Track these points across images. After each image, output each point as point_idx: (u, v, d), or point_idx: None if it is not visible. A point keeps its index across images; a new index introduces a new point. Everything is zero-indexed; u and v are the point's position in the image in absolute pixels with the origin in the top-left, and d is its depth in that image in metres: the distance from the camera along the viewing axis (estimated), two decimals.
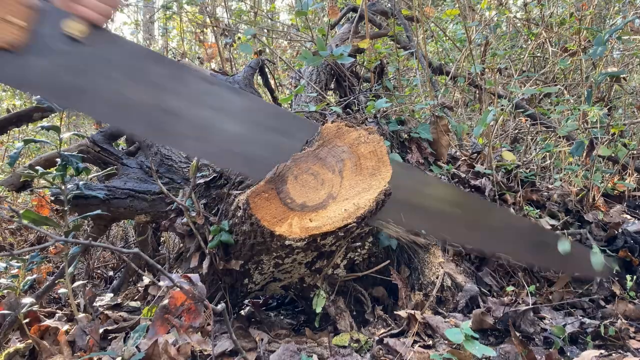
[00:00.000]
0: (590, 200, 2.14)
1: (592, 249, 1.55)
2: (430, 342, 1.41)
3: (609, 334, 1.40)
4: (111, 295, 2.02)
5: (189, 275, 1.03)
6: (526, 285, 1.74)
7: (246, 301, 1.84)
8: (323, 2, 4.69)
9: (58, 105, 1.21)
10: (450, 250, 1.82)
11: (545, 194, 2.19)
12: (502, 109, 2.39)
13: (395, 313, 1.55)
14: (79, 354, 1.37)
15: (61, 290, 1.65)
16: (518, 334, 1.35)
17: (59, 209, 1.58)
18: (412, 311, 1.51)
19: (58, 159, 1.52)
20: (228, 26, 4.26)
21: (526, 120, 3.07)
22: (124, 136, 2.65)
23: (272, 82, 3.35)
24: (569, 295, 1.74)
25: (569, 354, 1.36)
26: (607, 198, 2.32)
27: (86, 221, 2.77)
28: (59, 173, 1.50)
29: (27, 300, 1.45)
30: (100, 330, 1.47)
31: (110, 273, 2.91)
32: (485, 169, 2.16)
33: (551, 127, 2.83)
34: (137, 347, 1.27)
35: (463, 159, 2.33)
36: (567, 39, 3.67)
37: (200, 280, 1.04)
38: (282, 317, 1.91)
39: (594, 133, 2.14)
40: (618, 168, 2.44)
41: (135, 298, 2.16)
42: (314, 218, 1.19)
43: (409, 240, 1.44)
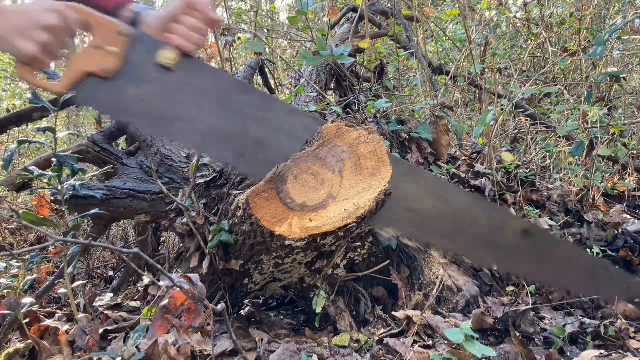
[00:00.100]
0: (590, 200, 2.14)
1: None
2: (430, 342, 1.41)
3: (609, 334, 1.40)
4: (111, 295, 2.02)
5: (189, 275, 1.03)
6: (526, 285, 1.74)
7: (246, 301, 1.84)
8: (323, 2, 4.69)
9: (149, 132, 1.25)
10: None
11: (545, 194, 2.19)
12: (502, 109, 2.39)
13: (393, 314, 1.55)
14: (79, 354, 1.37)
15: (61, 290, 1.65)
16: (518, 334, 1.35)
17: (59, 209, 1.58)
18: (411, 312, 1.51)
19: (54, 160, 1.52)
20: (228, 26, 4.25)
21: (526, 120, 3.07)
22: (124, 136, 2.65)
23: (272, 82, 3.35)
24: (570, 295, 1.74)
25: (569, 354, 1.36)
26: (607, 198, 2.32)
27: (86, 221, 2.77)
28: (55, 174, 1.50)
29: (27, 300, 1.45)
30: (100, 330, 1.47)
31: (110, 273, 2.91)
32: (485, 169, 2.16)
33: (551, 127, 2.83)
34: (137, 347, 1.27)
35: (463, 159, 2.33)
36: (567, 39, 3.67)
37: (200, 280, 1.04)
38: (282, 317, 1.91)
39: (594, 133, 2.14)
40: (618, 168, 2.45)
41: (135, 298, 2.16)
42: (314, 218, 1.19)
43: None
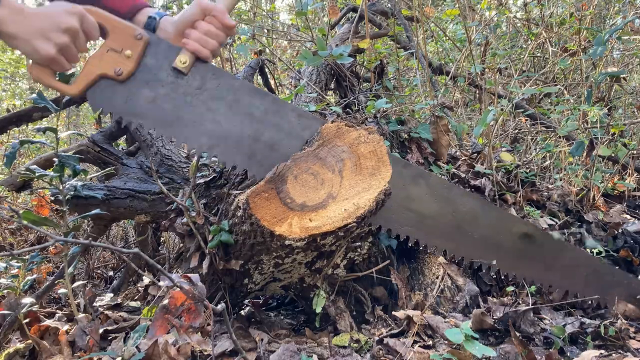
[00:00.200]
0: (590, 200, 2.14)
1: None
2: (430, 342, 1.41)
3: (609, 334, 1.40)
4: (111, 295, 2.02)
5: (189, 275, 1.03)
6: (526, 286, 1.74)
7: (246, 301, 1.84)
8: (323, 2, 4.69)
9: (160, 133, 1.26)
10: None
11: (545, 194, 2.19)
12: (502, 109, 2.39)
13: (393, 314, 1.55)
14: (79, 354, 1.37)
15: (61, 290, 1.65)
16: (518, 334, 1.35)
17: (59, 209, 1.58)
18: (411, 312, 1.51)
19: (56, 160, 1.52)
20: None
21: (526, 120, 3.07)
22: (124, 136, 2.65)
23: (272, 82, 3.35)
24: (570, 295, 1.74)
25: (569, 354, 1.36)
26: (607, 198, 2.32)
27: (86, 221, 2.77)
28: (57, 174, 1.50)
29: (27, 300, 1.45)
30: (100, 330, 1.47)
31: (110, 273, 2.91)
32: (485, 169, 2.16)
33: (551, 127, 2.83)
34: (137, 347, 1.27)
35: (463, 159, 2.33)
36: (567, 39, 3.67)
37: (200, 280, 1.04)
38: (282, 317, 1.91)
39: (594, 133, 2.14)
40: (618, 168, 2.45)
41: (135, 298, 2.16)
42: (314, 218, 1.19)
43: None
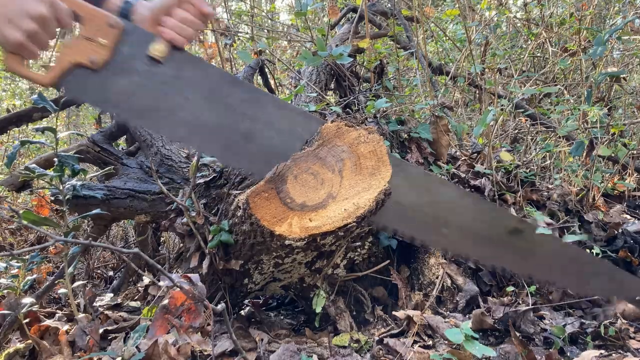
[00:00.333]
0: (590, 200, 2.14)
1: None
2: (430, 342, 1.41)
3: (609, 334, 1.40)
4: (111, 295, 2.02)
5: (189, 275, 1.03)
6: (526, 286, 1.74)
7: (246, 301, 1.84)
8: (323, 2, 4.69)
9: (136, 123, 1.24)
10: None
11: (545, 194, 2.19)
12: (502, 109, 2.39)
13: (393, 314, 1.55)
14: (79, 354, 1.37)
15: (61, 290, 1.65)
16: (518, 334, 1.35)
17: (59, 209, 1.58)
18: (411, 312, 1.51)
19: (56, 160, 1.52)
20: (228, 26, 4.26)
21: (526, 120, 3.07)
22: (124, 136, 2.65)
23: (272, 82, 3.35)
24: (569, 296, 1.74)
25: (569, 354, 1.36)
26: (607, 198, 2.32)
27: (86, 221, 2.77)
28: (57, 174, 1.50)
29: (27, 300, 1.45)
30: (100, 330, 1.47)
31: (110, 273, 2.91)
32: (485, 169, 2.16)
33: (551, 127, 2.83)
34: (137, 347, 1.27)
35: (463, 159, 2.33)
36: (567, 39, 3.67)
37: (200, 280, 1.04)
38: (282, 317, 1.91)
39: (594, 133, 2.14)
40: (618, 168, 2.44)
41: (135, 298, 2.16)
42: (314, 218, 1.19)
43: None
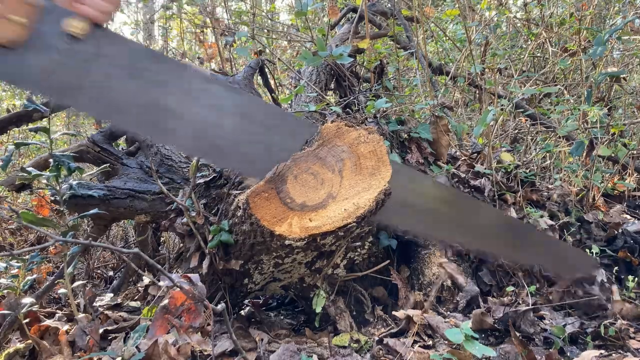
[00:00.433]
0: (590, 200, 2.14)
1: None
2: (430, 342, 1.41)
3: (609, 334, 1.40)
4: (111, 295, 2.02)
5: (189, 275, 1.03)
6: (526, 286, 1.74)
7: (246, 301, 1.84)
8: (323, 2, 4.69)
9: (55, 102, 1.22)
10: (450, 250, 1.82)
11: (545, 194, 2.19)
12: (502, 109, 2.39)
13: (393, 313, 1.55)
14: (79, 354, 1.37)
15: (61, 290, 1.65)
16: (518, 334, 1.35)
17: (59, 209, 1.58)
18: (411, 312, 1.51)
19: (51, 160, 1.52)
20: (228, 26, 4.26)
21: (526, 120, 3.07)
22: (124, 136, 2.65)
23: (272, 82, 3.35)
24: (569, 296, 1.74)
25: (569, 354, 1.36)
26: (607, 198, 2.32)
27: (86, 221, 2.77)
28: (53, 174, 1.50)
29: (27, 300, 1.45)
30: (100, 330, 1.47)
31: (110, 273, 2.91)
32: (485, 169, 2.16)
33: (551, 127, 2.83)
34: (137, 347, 1.27)
35: (463, 159, 2.33)
36: (567, 39, 3.67)
37: (200, 280, 1.04)
38: (282, 317, 1.91)
39: (594, 133, 2.14)
40: (618, 168, 2.45)
41: (135, 298, 2.16)
42: (314, 218, 1.19)
43: None
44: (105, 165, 2.01)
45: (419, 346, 1.36)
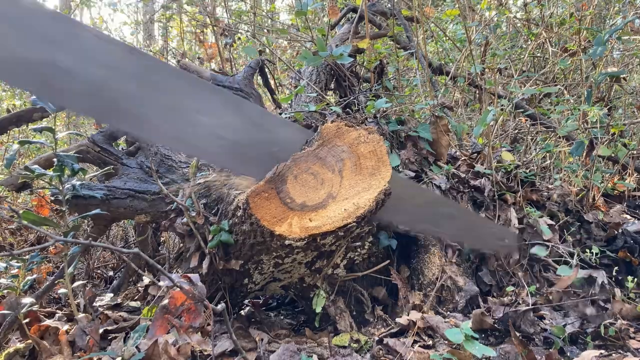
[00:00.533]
0: (590, 200, 2.14)
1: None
2: (430, 342, 1.41)
3: (609, 334, 1.40)
4: (111, 295, 2.02)
5: (189, 275, 1.03)
6: (526, 286, 1.74)
7: (246, 301, 1.84)
8: (323, 2, 4.69)
9: None
10: (450, 250, 1.82)
11: (545, 194, 2.19)
12: (502, 109, 2.39)
13: (397, 320, 1.54)
14: (79, 354, 1.37)
15: (61, 290, 1.65)
16: (518, 334, 1.35)
17: (59, 209, 1.58)
18: (413, 316, 1.50)
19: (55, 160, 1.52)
20: (228, 26, 4.26)
21: (526, 120, 3.07)
22: (124, 136, 2.65)
23: (272, 82, 3.35)
24: (569, 296, 1.74)
25: (569, 354, 1.36)
26: (607, 198, 2.32)
27: (86, 221, 2.77)
28: (56, 174, 1.49)
29: (27, 300, 1.45)
30: (100, 330, 1.47)
31: (110, 273, 2.91)
32: (485, 169, 2.16)
33: (551, 127, 2.83)
34: (137, 347, 1.27)
35: (463, 159, 2.33)
36: (567, 39, 3.67)
37: (200, 280, 1.04)
38: (282, 317, 1.91)
39: (594, 133, 2.14)
40: (618, 168, 2.45)
41: (135, 298, 2.16)
42: (314, 218, 1.19)
43: None
44: (109, 167, 2.01)
45: (419, 346, 1.36)
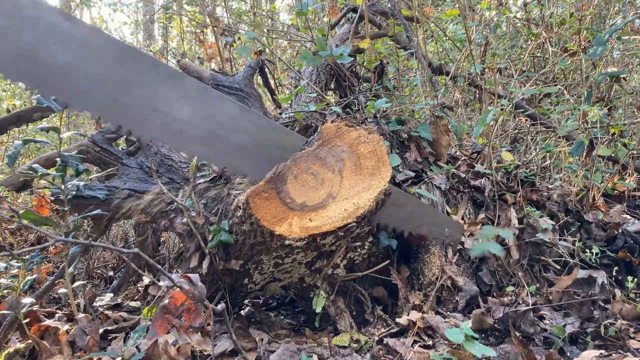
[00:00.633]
0: (590, 200, 2.14)
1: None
2: (430, 342, 1.41)
3: (609, 334, 1.40)
4: (111, 295, 2.02)
5: (189, 275, 1.03)
6: (526, 286, 1.74)
7: (246, 301, 1.84)
8: (323, 2, 4.69)
9: None
10: (450, 250, 1.82)
11: (545, 194, 2.19)
12: (502, 109, 2.39)
13: (397, 321, 1.54)
14: (79, 354, 1.37)
15: (61, 290, 1.65)
16: (518, 334, 1.35)
17: (59, 209, 1.58)
18: (413, 317, 1.50)
19: (58, 159, 1.52)
20: (228, 26, 4.26)
21: (526, 120, 3.07)
22: (124, 136, 2.65)
23: (272, 82, 3.35)
24: (569, 296, 1.74)
25: (569, 354, 1.36)
26: (607, 198, 2.32)
27: (86, 221, 2.77)
28: (59, 174, 1.49)
29: (27, 300, 1.45)
30: (100, 330, 1.47)
31: (110, 273, 2.91)
32: (485, 169, 2.16)
33: (551, 127, 2.83)
34: (137, 347, 1.27)
35: (463, 159, 2.33)
36: (567, 39, 3.67)
37: (200, 280, 1.04)
38: (282, 317, 1.91)
39: (594, 133, 2.14)
40: (618, 168, 2.45)
41: (135, 298, 2.16)
42: (314, 218, 1.19)
43: None
44: (112, 168, 2.01)
45: (419, 346, 1.36)
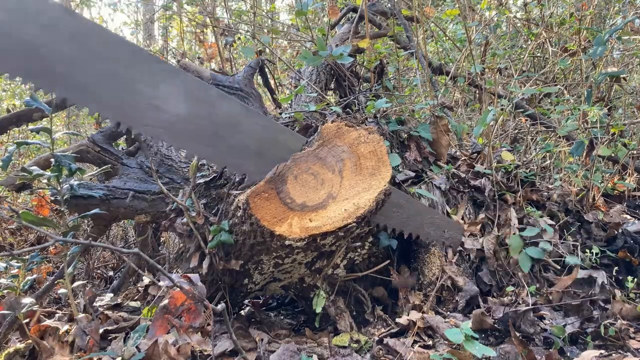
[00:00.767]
0: (590, 200, 2.14)
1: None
2: (430, 342, 1.41)
3: (609, 334, 1.40)
4: (111, 295, 2.02)
5: (189, 275, 1.03)
6: (526, 286, 1.74)
7: (246, 301, 1.84)
8: (323, 2, 4.69)
9: None
10: (450, 250, 1.82)
11: (545, 194, 2.19)
12: (502, 109, 2.39)
13: (397, 321, 1.54)
14: (79, 354, 1.37)
15: (61, 290, 1.65)
16: (518, 334, 1.35)
17: (59, 209, 1.58)
18: (413, 316, 1.50)
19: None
20: (228, 26, 4.26)
21: (526, 120, 3.07)
22: (124, 136, 2.65)
23: (272, 82, 3.35)
24: (570, 296, 1.74)
25: (569, 354, 1.36)
26: (607, 198, 2.32)
27: (86, 221, 2.77)
28: (54, 174, 1.49)
29: (27, 300, 1.45)
30: (100, 330, 1.47)
31: (110, 273, 2.91)
32: (485, 169, 2.16)
33: (551, 127, 2.83)
34: (137, 347, 1.27)
35: (463, 159, 2.33)
36: (567, 39, 3.67)
37: (200, 280, 1.04)
38: (282, 317, 1.91)
39: (594, 133, 2.14)
40: (618, 168, 2.45)
41: (135, 298, 2.16)
42: (314, 218, 1.19)
43: None
44: (106, 166, 2.01)
45: (419, 346, 1.36)
